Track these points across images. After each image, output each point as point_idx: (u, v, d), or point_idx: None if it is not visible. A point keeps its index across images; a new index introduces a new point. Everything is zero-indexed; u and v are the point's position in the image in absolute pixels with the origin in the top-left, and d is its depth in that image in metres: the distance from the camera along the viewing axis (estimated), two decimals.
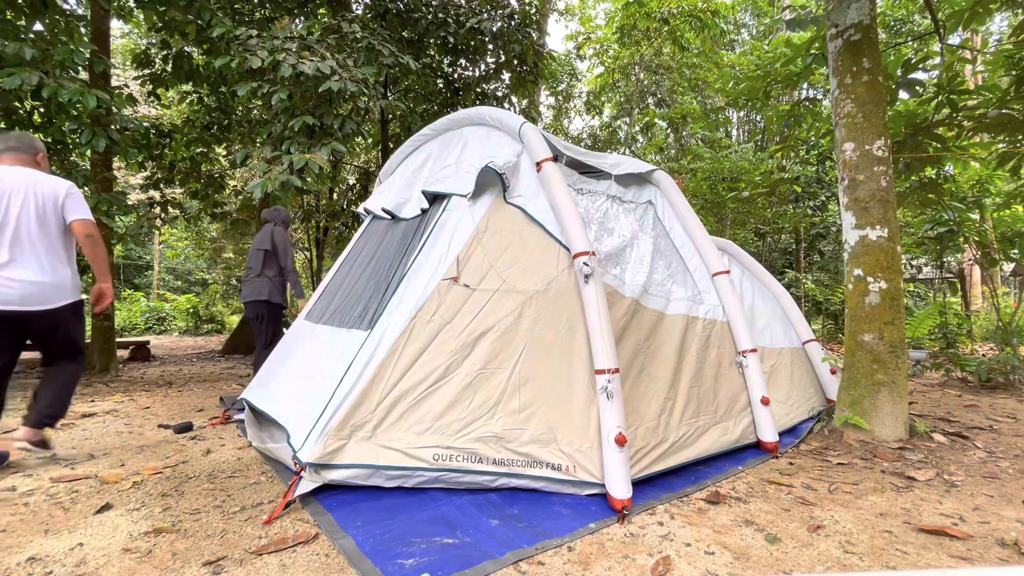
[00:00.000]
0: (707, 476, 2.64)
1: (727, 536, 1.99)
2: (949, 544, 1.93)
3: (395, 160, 3.93)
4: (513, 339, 2.48)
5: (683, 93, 14.48)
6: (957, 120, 4.51)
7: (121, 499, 2.29)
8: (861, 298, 3.28)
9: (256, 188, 4.42)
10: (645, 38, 11.67)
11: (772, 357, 3.67)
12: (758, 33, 18.18)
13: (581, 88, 16.64)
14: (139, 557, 1.78)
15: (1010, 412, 4.12)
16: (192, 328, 12.84)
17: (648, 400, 2.65)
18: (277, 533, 1.97)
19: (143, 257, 19.42)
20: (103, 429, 3.48)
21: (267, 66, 4.66)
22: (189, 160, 7.53)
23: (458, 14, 7.09)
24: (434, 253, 2.67)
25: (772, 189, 8.66)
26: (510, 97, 8.27)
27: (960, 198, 6.26)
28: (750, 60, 11.94)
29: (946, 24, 4.28)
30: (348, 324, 2.92)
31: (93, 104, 4.38)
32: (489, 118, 3.10)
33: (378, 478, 2.30)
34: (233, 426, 3.59)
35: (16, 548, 1.84)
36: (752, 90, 5.90)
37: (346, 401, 2.31)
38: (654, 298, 2.96)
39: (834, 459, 2.91)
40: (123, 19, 6.68)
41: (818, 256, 11.90)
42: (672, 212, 3.51)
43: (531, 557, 1.81)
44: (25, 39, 4.81)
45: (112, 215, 5.33)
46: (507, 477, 2.34)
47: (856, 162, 3.31)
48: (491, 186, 2.80)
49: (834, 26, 3.46)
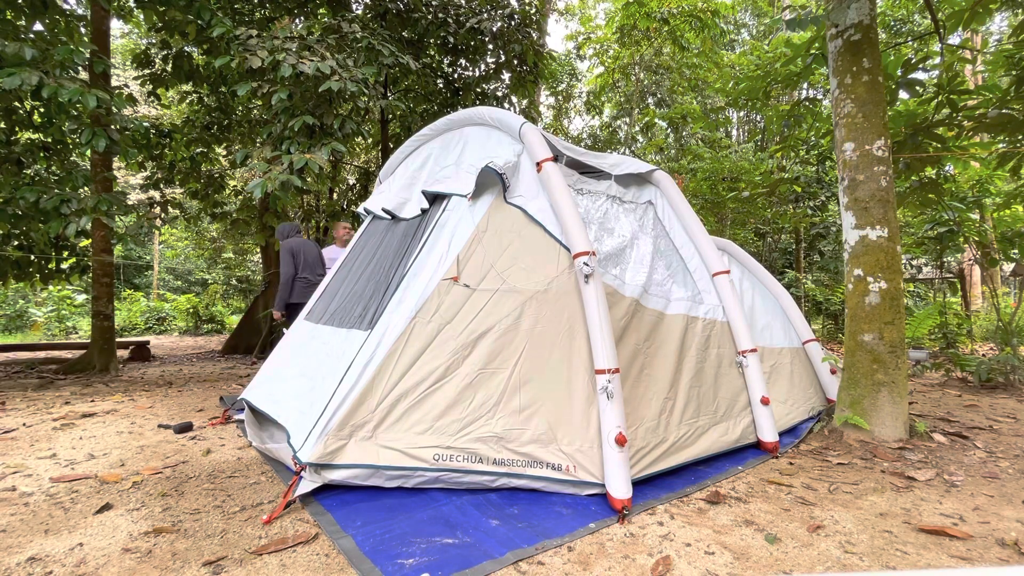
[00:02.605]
0: (707, 476, 2.64)
1: (727, 536, 1.99)
2: (949, 544, 1.93)
3: (395, 160, 3.93)
4: (513, 339, 2.48)
5: (683, 93, 14.48)
6: (957, 120, 4.51)
7: (121, 499, 2.29)
8: (861, 298, 3.28)
9: (256, 188, 4.42)
10: (645, 38, 11.66)
11: (772, 357, 3.67)
12: (758, 33, 18.17)
13: (581, 88, 16.64)
14: (139, 557, 1.78)
15: (1010, 412, 4.12)
16: (192, 328, 12.83)
17: (648, 400, 2.65)
18: (277, 533, 1.97)
19: (143, 257, 19.42)
20: (103, 429, 3.48)
21: (267, 66, 4.66)
22: (189, 160, 7.53)
23: (458, 14, 7.09)
24: (434, 253, 2.67)
25: (772, 189, 8.66)
26: (510, 97, 8.26)
27: (960, 198, 6.26)
28: (750, 60, 11.93)
29: (946, 24, 4.28)
30: (348, 324, 2.92)
31: (93, 104, 4.38)
32: (489, 118, 3.10)
33: (378, 478, 2.30)
34: (233, 426, 3.59)
35: (16, 548, 1.84)
36: (752, 90, 5.89)
37: (346, 401, 2.31)
38: (654, 298, 2.96)
39: (834, 459, 2.91)
40: (123, 19, 6.68)
41: (818, 256, 11.90)
42: (672, 212, 3.51)
43: (531, 557, 1.81)
44: (25, 39, 4.81)
45: (112, 215, 5.32)
46: (507, 477, 2.34)
47: (856, 162, 3.31)
48: (491, 186, 2.80)
49: (834, 26, 3.46)
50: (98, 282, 5.92)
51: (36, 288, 10.10)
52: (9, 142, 5.65)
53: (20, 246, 6.27)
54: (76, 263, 6.76)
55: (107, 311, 5.99)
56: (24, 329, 11.60)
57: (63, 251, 6.68)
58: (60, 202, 4.98)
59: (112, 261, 6.06)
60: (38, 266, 6.48)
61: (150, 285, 18.61)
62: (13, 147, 5.68)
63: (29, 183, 5.66)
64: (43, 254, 6.40)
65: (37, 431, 3.41)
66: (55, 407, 4.12)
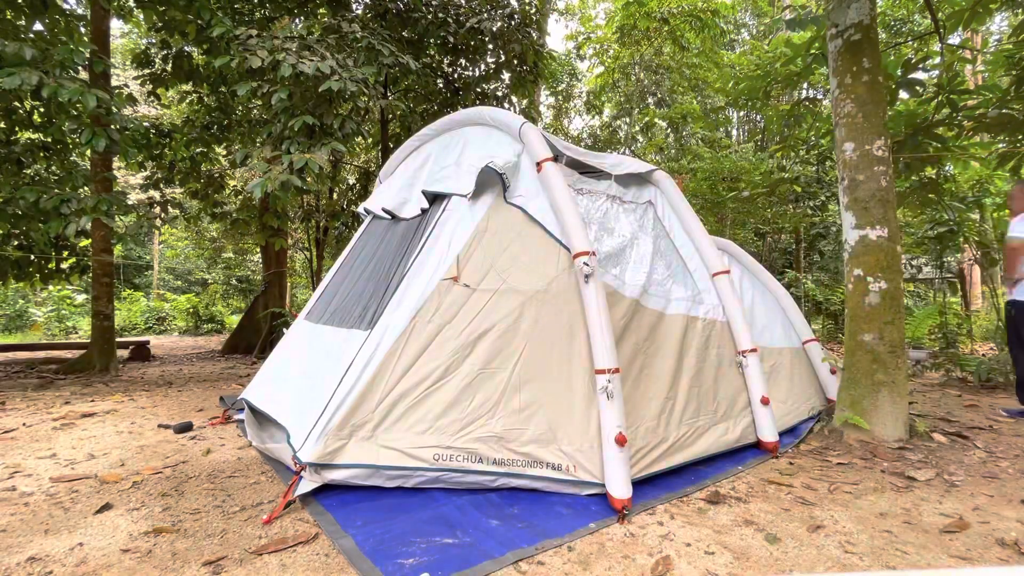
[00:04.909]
0: (707, 476, 2.64)
1: (727, 536, 1.99)
2: (949, 544, 1.93)
3: (395, 160, 3.93)
4: (513, 339, 2.48)
5: (683, 93, 14.46)
6: (957, 120, 4.51)
7: (121, 499, 2.29)
8: (861, 298, 3.28)
9: (256, 188, 4.42)
10: (645, 38, 11.65)
11: (772, 357, 3.66)
12: (758, 33, 18.17)
13: (581, 88, 16.62)
14: (139, 557, 1.78)
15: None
16: (192, 328, 12.83)
17: (648, 400, 2.64)
18: (277, 533, 1.97)
19: (143, 257, 19.41)
20: (103, 429, 3.48)
21: (267, 66, 4.66)
22: (189, 160, 7.52)
23: (458, 14, 7.08)
24: (434, 253, 2.67)
25: (772, 189, 8.66)
26: (510, 97, 8.25)
27: (960, 198, 6.26)
28: (750, 60, 11.94)
29: (946, 24, 4.28)
30: (348, 324, 2.92)
31: (93, 104, 4.38)
32: (489, 118, 3.10)
33: (378, 478, 2.30)
34: (233, 426, 3.59)
35: (16, 548, 1.84)
36: (752, 90, 5.89)
37: (346, 401, 2.31)
38: (654, 298, 2.96)
39: (834, 459, 2.91)
40: (123, 19, 6.68)
41: (818, 256, 11.90)
42: (672, 212, 3.51)
43: (531, 557, 1.81)
44: (25, 39, 4.81)
45: (112, 215, 5.32)
46: (507, 477, 2.34)
47: (856, 162, 3.31)
48: (491, 186, 2.80)
49: (834, 26, 3.46)
50: (98, 282, 5.92)
51: (36, 288, 10.08)
52: (9, 142, 5.65)
53: (20, 246, 6.27)
54: (76, 263, 6.76)
55: (107, 311, 5.99)
56: (24, 329, 11.60)
57: (63, 251, 6.68)
58: (60, 202, 4.98)
59: (112, 261, 6.06)
60: (38, 266, 6.48)
61: (150, 285, 18.61)
62: (13, 147, 5.69)
63: (29, 183, 5.66)
64: (43, 254, 6.40)
65: (37, 431, 3.41)
66: (55, 407, 4.12)
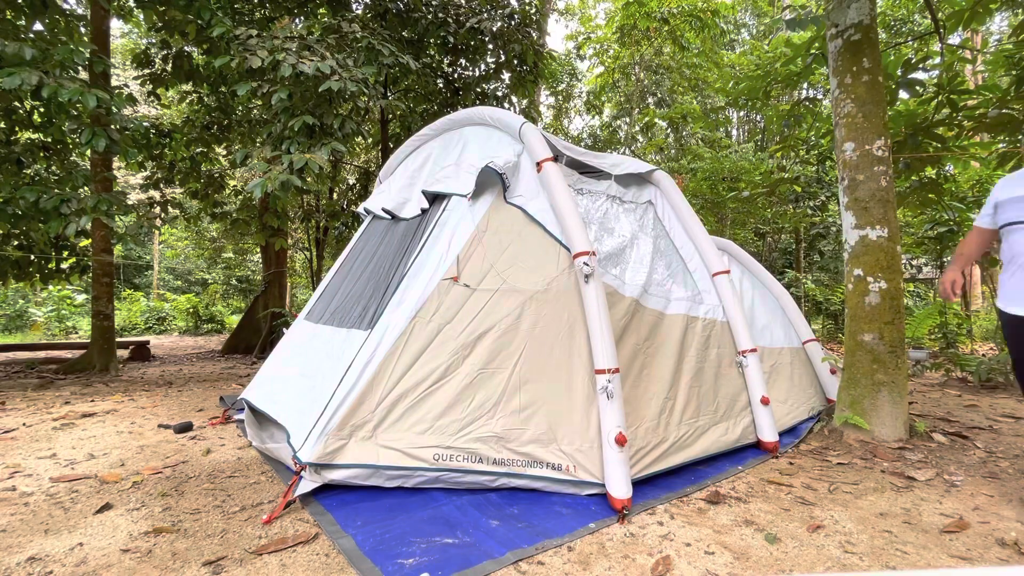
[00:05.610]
0: (707, 476, 2.64)
1: (727, 536, 1.99)
2: (949, 544, 1.93)
3: (395, 160, 3.93)
4: (513, 339, 2.48)
5: (683, 93, 14.47)
6: (957, 120, 4.51)
7: (121, 499, 2.29)
8: (861, 298, 3.28)
9: (256, 188, 4.42)
10: (645, 38, 11.66)
11: (772, 357, 3.67)
12: (758, 33, 18.17)
13: (581, 88, 16.63)
14: (139, 557, 1.78)
15: (1010, 412, 4.12)
16: (192, 328, 12.83)
17: (648, 400, 2.64)
18: (277, 533, 1.97)
19: (143, 257, 19.41)
20: (103, 429, 3.48)
21: (267, 66, 4.65)
22: (189, 160, 7.53)
23: (458, 14, 7.08)
24: (434, 253, 2.67)
25: (772, 189, 8.66)
26: (510, 97, 8.25)
27: (960, 198, 6.26)
28: (750, 60, 11.94)
29: (946, 24, 4.29)
30: (348, 324, 2.92)
31: (93, 104, 4.38)
32: (489, 118, 3.10)
33: (378, 478, 2.30)
34: (233, 426, 3.59)
35: (16, 548, 1.84)
36: (752, 90, 5.89)
37: (346, 401, 2.31)
38: (654, 298, 2.96)
39: (834, 459, 2.91)
40: (123, 19, 6.68)
41: (818, 256, 11.91)
42: (672, 212, 3.51)
43: (531, 557, 1.81)
44: (25, 39, 4.81)
45: (112, 215, 5.32)
46: (507, 477, 2.34)
47: (856, 162, 3.31)
48: (491, 186, 2.80)
49: (834, 26, 3.46)
50: (98, 282, 5.92)
51: (36, 288, 10.10)
52: (9, 142, 5.65)
53: (20, 246, 6.26)
54: (76, 263, 6.76)
55: (107, 311, 5.99)
56: (24, 329, 11.60)
57: (63, 251, 6.68)
58: (60, 202, 4.98)
59: (112, 261, 6.06)
60: (38, 266, 6.48)
61: (150, 285, 18.61)
62: (13, 147, 5.68)
63: (29, 183, 5.66)
64: (43, 254, 6.40)
65: (37, 431, 3.41)
66: (55, 407, 4.12)
